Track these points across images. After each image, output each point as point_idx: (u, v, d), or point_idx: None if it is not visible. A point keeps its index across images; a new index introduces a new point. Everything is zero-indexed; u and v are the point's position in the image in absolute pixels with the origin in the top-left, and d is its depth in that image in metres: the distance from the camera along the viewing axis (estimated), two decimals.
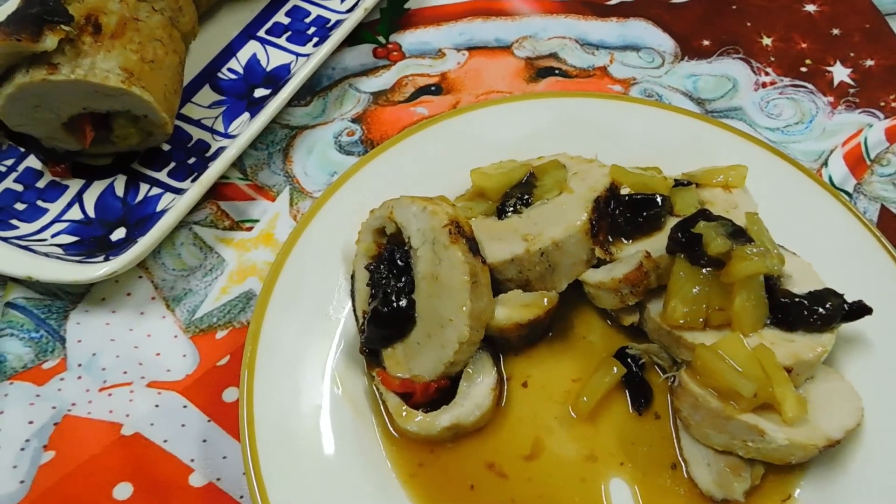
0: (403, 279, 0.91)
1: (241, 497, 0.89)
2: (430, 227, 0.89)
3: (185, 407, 0.96)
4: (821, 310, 0.87)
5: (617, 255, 0.94)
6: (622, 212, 0.95)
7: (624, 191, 0.98)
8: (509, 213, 0.98)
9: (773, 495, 0.87)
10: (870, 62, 1.36)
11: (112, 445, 0.92)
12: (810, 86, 1.32)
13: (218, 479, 0.91)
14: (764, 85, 1.32)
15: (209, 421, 0.95)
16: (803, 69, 1.35)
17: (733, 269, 0.84)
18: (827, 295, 0.89)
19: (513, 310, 0.91)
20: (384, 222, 0.94)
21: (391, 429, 0.91)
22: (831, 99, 1.31)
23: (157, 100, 1.06)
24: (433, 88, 1.30)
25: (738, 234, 0.86)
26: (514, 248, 0.92)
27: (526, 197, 0.99)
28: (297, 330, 0.94)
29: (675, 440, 0.91)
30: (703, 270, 0.87)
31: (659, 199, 0.95)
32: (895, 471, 0.85)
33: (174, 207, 1.05)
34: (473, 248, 0.89)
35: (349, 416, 0.90)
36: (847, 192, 1.18)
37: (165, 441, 0.93)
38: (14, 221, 1.09)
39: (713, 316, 0.88)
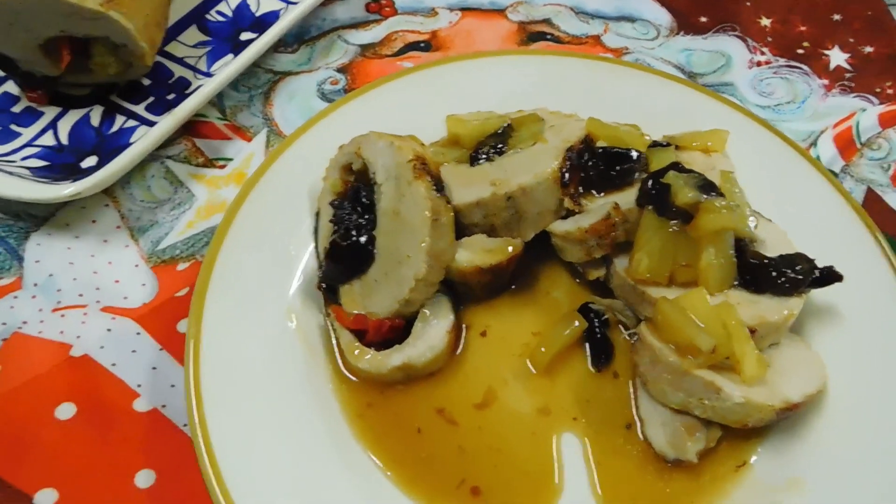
0: (367, 216, 0.89)
1: (185, 425, 0.87)
2: (395, 163, 0.87)
3: (138, 334, 0.94)
4: (790, 272, 0.85)
5: (587, 208, 0.92)
6: (595, 164, 0.93)
7: (600, 146, 0.96)
8: (481, 162, 0.96)
9: (727, 461, 0.84)
10: (869, 49, 1.33)
11: (59, 365, 0.91)
12: (806, 67, 1.30)
13: (163, 406, 0.89)
14: (759, 64, 1.30)
15: (161, 349, 0.93)
16: (800, 51, 1.32)
17: (700, 221, 0.82)
18: (797, 259, 0.86)
19: (475, 254, 0.89)
20: (352, 158, 0.92)
21: (342, 367, 0.89)
22: (826, 82, 1.28)
23: (137, 28, 1.04)
24: (422, 45, 1.29)
25: (709, 188, 0.83)
26: (480, 192, 0.90)
27: (500, 146, 0.97)
28: (255, 262, 0.92)
29: (632, 401, 0.88)
30: (671, 224, 0.84)
31: (634, 155, 0.92)
32: (854, 443, 0.83)
33: (146, 136, 1.03)
34: (438, 187, 0.87)
35: (300, 352, 0.88)
36: (834, 173, 1.16)
37: (114, 365, 0.91)
38: None
39: (679, 272, 0.86)
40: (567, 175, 0.91)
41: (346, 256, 0.87)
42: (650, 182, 0.85)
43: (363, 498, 0.78)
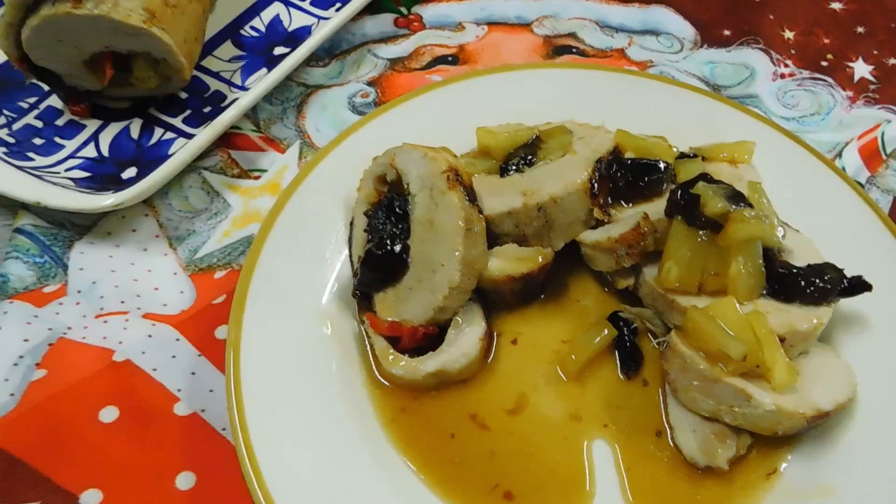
0: (400, 226, 0.92)
1: (224, 429, 0.90)
2: (429, 173, 0.89)
3: (177, 340, 0.97)
4: (818, 282, 0.86)
5: (615, 218, 0.94)
6: (623, 175, 0.95)
7: (629, 157, 0.97)
8: (511, 172, 0.98)
9: (757, 468, 0.85)
10: (893, 60, 1.34)
11: (102, 370, 0.94)
12: (830, 79, 1.31)
13: (202, 411, 0.91)
14: (783, 76, 1.31)
15: (199, 355, 0.96)
16: (824, 63, 1.34)
17: (730, 231, 0.83)
18: (826, 268, 0.87)
19: (507, 262, 0.90)
20: (386, 169, 0.95)
21: (377, 373, 0.91)
22: (850, 93, 1.29)
23: (177, 44, 1.08)
24: (450, 59, 1.31)
25: (738, 198, 0.85)
26: (511, 202, 0.92)
27: (530, 158, 0.99)
28: (292, 270, 0.94)
29: (662, 408, 0.89)
30: (701, 233, 0.86)
31: (662, 166, 0.94)
32: (885, 452, 0.83)
33: (185, 148, 1.07)
34: (471, 196, 0.89)
35: (336, 358, 0.90)
36: (859, 184, 1.16)
37: (155, 370, 0.94)
38: (30, 154, 1.11)
39: (708, 281, 0.87)
40: (596, 185, 0.93)
41: (380, 265, 0.90)
42: (679, 192, 0.86)
43: (399, 501, 0.80)
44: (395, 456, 0.85)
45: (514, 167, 0.98)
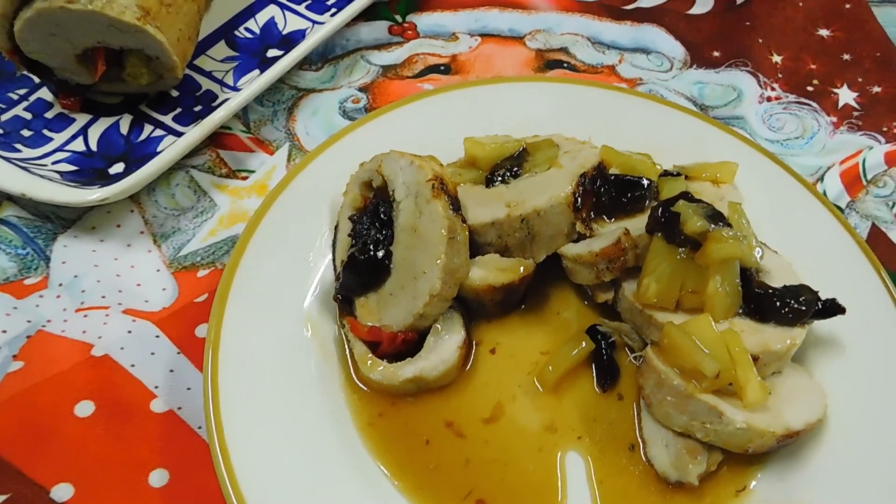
0: (384, 232, 0.92)
1: (200, 428, 0.90)
2: (414, 181, 0.90)
3: (157, 337, 0.97)
4: (794, 303, 0.87)
5: (597, 232, 0.95)
6: (607, 190, 0.96)
7: (613, 173, 0.99)
8: (497, 183, 0.99)
9: (728, 485, 0.86)
10: (877, 89, 1.36)
11: (80, 364, 0.93)
12: (815, 104, 1.33)
13: (179, 408, 0.91)
14: (769, 99, 1.34)
15: (179, 353, 0.96)
16: (810, 88, 1.36)
17: (708, 249, 0.84)
18: (801, 290, 0.88)
19: (488, 272, 0.91)
20: (372, 175, 0.96)
21: (355, 377, 0.91)
22: (834, 119, 1.31)
23: (170, 42, 1.08)
24: (442, 68, 1.33)
25: (717, 218, 0.86)
26: (496, 213, 0.93)
27: (516, 169, 1.00)
28: (274, 271, 0.95)
29: (636, 422, 0.90)
30: (680, 251, 0.87)
31: (645, 183, 0.96)
32: (854, 471, 0.84)
33: (173, 146, 1.07)
34: (455, 206, 0.90)
35: (315, 360, 0.91)
36: (840, 208, 1.18)
37: (133, 366, 0.94)
38: (18, 145, 1.11)
39: (686, 298, 0.88)
40: (580, 200, 0.94)
41: (363, 269, 0.90)
42: (660, 210, 0.87)
43: None
44: (370, 461, 0.85)
45: (499, 178, 0.99)
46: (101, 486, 0.85)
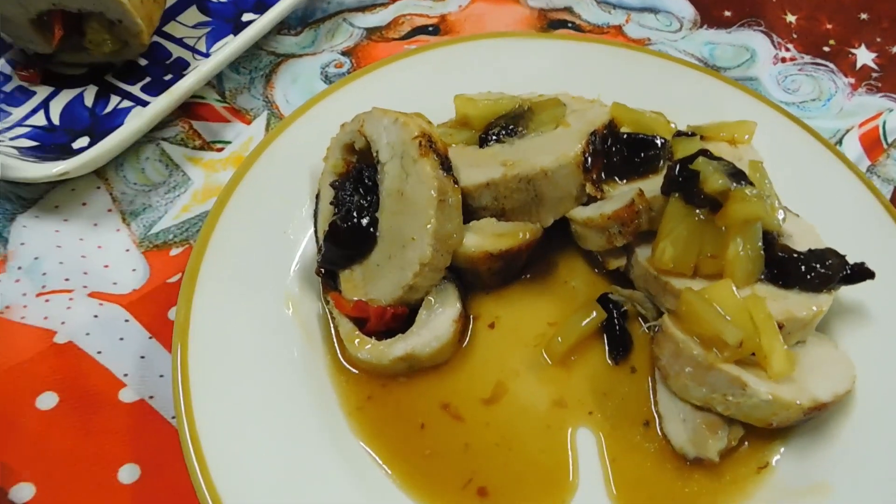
0: (369, 198, 0.84)
1: (173, 418, 0.82)
2: (399, 140, 0.82)
3: (126, 321, 0.89)
4: (819, 267, 0.79)
5: (609, 194, 0.87)
6: (619, 150, 0.88)
7: (625, 131, 0.91)
8: (491, 143, 0.91)
9: (749, 461, 0.79)
10: None
11: (42, 352, 0.86)
12: (832, 65, 1.26)
13: (151, 398, 0.84)
14: (783, 60, 1.26)
15: (150, 338, 0.88)
16: (826, 48, 1.28)
17: (730, 210, 0.77)
18: (827, 254, 0.81)
19: (485, 238, 0.83)
20: (354, 136, 0.87)
21: (342, 358, 0.83)
22: (852, 80, 1.23)
23: (133, 3, 1.00)
24: (430, 29, 1.24)
25: (739, 176, 0.78)
26: (490, 173, 0.85)
27: (512, 128, 0.92)
28: (250, 247, 0.87)
29: (650, 396, 0.83)
30: (698, 212, 0.79)
31: (659, 142, 0.88)
32: (883, 450, 0.77)
33: (140, 115, 0.99)
34: (445, 165, 0.82)
35: (297, 342, 0.83)
36: None
37: (100, 353, 0.86)
38: None
39: (704, 263, 0.80)
40: (590, 160, 0.86)
41: (346, 239, 0.82)
42: (678, 168, 0.79)
43: (360, 495, 0.73)
44: (359, 448, 0.78)
45: (494, 137, 0.91)
46: (66, 485, 0.77)
